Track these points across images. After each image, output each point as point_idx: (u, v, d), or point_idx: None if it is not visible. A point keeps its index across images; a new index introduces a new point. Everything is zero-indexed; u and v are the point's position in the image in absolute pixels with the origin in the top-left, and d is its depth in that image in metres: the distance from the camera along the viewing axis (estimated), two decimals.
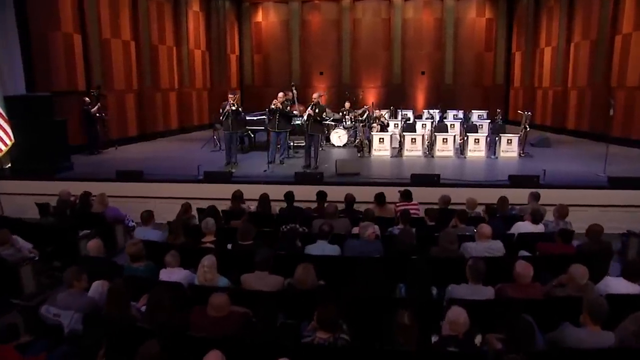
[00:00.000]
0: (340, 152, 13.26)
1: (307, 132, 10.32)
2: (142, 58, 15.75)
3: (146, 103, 16.07)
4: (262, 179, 9.47)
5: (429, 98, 21.66)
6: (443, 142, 11.93)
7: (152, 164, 11.62)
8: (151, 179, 9.85)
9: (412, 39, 21.54)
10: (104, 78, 14.19)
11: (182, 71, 18.04)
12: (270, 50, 22.71)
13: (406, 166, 11.15)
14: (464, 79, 21.41)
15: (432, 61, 21.63)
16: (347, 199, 7.45)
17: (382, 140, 12.08)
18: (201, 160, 11.74)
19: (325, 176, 9.54)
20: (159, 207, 9.82)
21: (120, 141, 14.80)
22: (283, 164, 11.05)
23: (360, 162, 11.25)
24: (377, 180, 9.30)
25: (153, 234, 6.56)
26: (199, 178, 9.58)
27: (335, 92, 21.83)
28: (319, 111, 10.16)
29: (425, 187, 8.86)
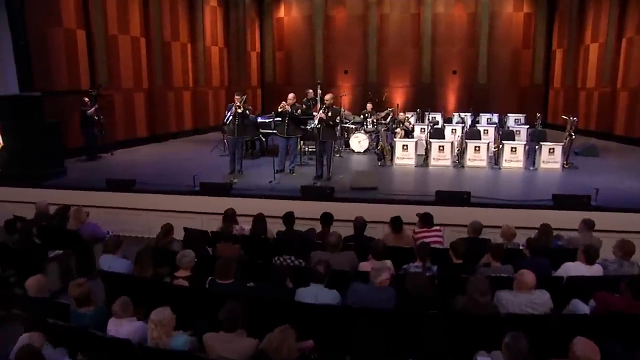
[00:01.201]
0: (359, 159, 11.98)
1: (319, 139, 9.10)
2: (153, 55, 14.81)
3: (157, 102, 15.13)
4: (265, 192, 8.30)
5: (460, 99, 20.17)
6: (475, 150, 10.51)
7: (152, 170, 10.64)
8: (143, 189, 8.80)
9: (443, 35, 20.06)
10: (111, 76, 13.29)
11: (197, 69, 17.05)
12: (292, 47, 21.60)
13: (432, 179, 9.80)
14: (498, 78, 19.77)
15: (464, 59, 20.09)
16: (356, 224, 6.20)
17: (405, 148, 10.74)
18: (206, 166, 10.71)
19: (338, 190, 8.30)
20: (151, 221, 8.85)
21: (129, 142, 13.94)
22: (293, 173, 9.86)
23: (379, 173, 9.94)
24: (396, 196, 8.01)
25: (120, 264, 5.47)
26: (195, 189, 8.48)
27: (360, 91, 20.54)
28: (332, 115, 8.92)
29: (453, 207, 7.54)
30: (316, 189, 8.00)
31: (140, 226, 8.90)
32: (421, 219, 6.36)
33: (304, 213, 7.93)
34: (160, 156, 12.83)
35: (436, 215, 7.32)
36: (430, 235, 6.21)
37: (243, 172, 10.04)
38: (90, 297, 4.35)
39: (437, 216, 7.26)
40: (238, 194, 8.32)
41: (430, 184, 9.16)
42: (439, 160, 10.65)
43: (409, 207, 7.64)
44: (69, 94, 11.78)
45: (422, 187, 8.85)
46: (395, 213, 7.63)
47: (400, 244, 6.06)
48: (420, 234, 6.26)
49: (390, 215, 7.62)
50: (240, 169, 10.02)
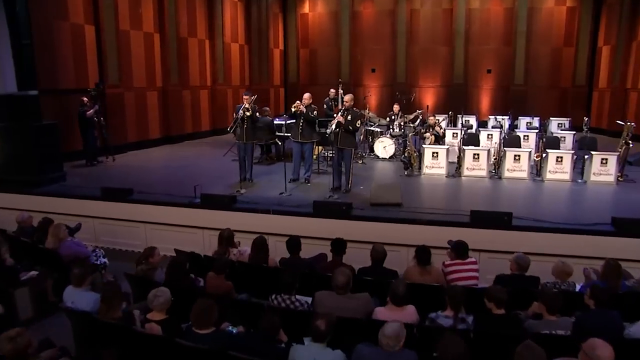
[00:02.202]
0: (384, 167, 10.83)
1: (336, 145, 8.01)
2: (167, 52, 13.96)
3: (171, 102, 14.29)
4: (273, 206, 7.26)
5: (495, 101, 18.75)
6: (515, 159, 9.23)
7: (155, 176, 9.78)
8: (140, 200, 7.88)
9: (477, 32, 18.68)
10: (122, 74, 12.49)
11: (215, 67, 16.16)
12: (317, 44, 20.59)
13: (465, 192, 8.59)
14: (537, 79, 18.26)
15: (499, 58, 18.65)
16: (374, 254, 5.10)
17: (435, 155, 9.54)
18: (216, 173, 9.80)
19: (357, 205, 7.20)
20: (149, 235, 7.96)
21: (140, 144, 13.14)
22: (308, 183, 8.80)
23: (404, 184, 8.79)
24: (424, 214, 6.85)
25: (87, 299, 4.51)
26: (196, 201, 7.51)
27: (388, 91, 19.35)
28: (351, 119, 7.82)
29: (491, 230, 6.35)
30: (331, 205, 6.91)
31: (138, 240, 8.00)
32: (453, 249, 5.22)
33: (316, 232, 6.90)
34: (169, 160, 11.96)
35: (470, 239, 6.19)
36: (464, 269, 5.07)
37: (254, 180, 9.05)
38: (26, 353, 3.38)
39: (471, 240, 6.13)
40: (243, 207, 7.31)
41: (463, 199, 7.97)
42: (473, 170, 9.42)
43: (438, 229, 6.50)
44: (75, 92, 10.98)
45: (454, 203, 7.66)
46: (422, 235, 6.55)
47: (426, 280, 4.94)
48: (452, 267, 5.13)
49: (416, 237, 6.54)
50: (250, 177, 9.03)
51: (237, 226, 7.22)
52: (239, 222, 7.22)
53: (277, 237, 7.12)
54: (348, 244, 6.80)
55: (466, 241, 6.11)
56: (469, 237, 6.27)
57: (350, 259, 5.61)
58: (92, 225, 8.21)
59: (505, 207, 7.22)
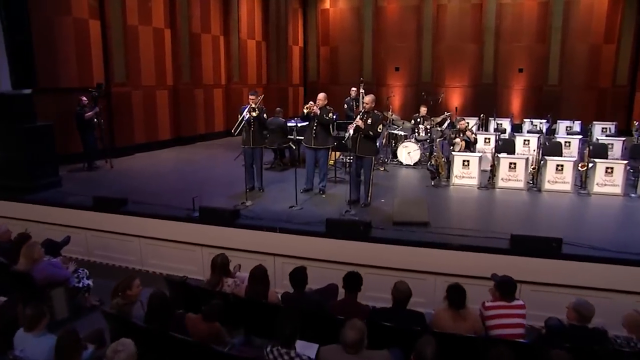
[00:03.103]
0: (408, 175, 9.81)
1: (355, 153, 7.03)
2: (179, 49, 13.15)
3: (183, 101, 13.48)
4: (281, 223, 6.32)
5: (526, 102, 17.52)
6: (557, 170, 8.11)
7: (157, 183, 8.96)
8: (135, 211, 7.04)
9: (508, 28, 17.44)
10: (129, 72, 11.71)
11: (230, 65, 15.32)
12: (338, 41, 19.64)
13: (501, 208, 7.50)
14: (573, 78, 16.91)
15: (532, 56, 17.37)
16: (396, 294, 4.11)
17: (466, 164, 8.48)
18: (223, 180, 8.95)
19: (377, 223, 6.21)
20: (145, 250, 7.11)
21: (149, 146, 12.37)
22: (323, 194, 7.85)
23: (432, 197, 7.78)
24: (454, 237, 5.83)
25: (41, 347, 3.66)
26: (194, 216, 6.63)
27: (412, 92, 18.30)
28: (371, 122, 6.83)
29: (536, 259, 5.31)
30: (346, 224, 5.93)
31: (132, 255, 7.20)
32: (498, 287, 4.20)
33: (328, 254, 5.98)
34: (177, 164, 11.15)
35: (510, 268, 5.21)
36: (509, 314, 4.07)
37: (264, 189, 8.14)
38: None
39: (511, 269, 5.16)
40: (246, 224, 6.39)
41: (499, 217, 6.91)
42: (508, 181, 8.33)
43: (472, 257, 5.49)
44: (78, 91, 10.20)
45: (489, 222, 6.61)
46: (453, 262, 5.56)
47: (460, 327, 3.95)
48: (494, 310, 4.12)
49: (446, 264, 5.57)
50: (260, 186, 8.13)
51: (239, 244, 6.38)
52: (241, 240, 6.35)
53: (283, 258, 6.22)
54: (365, 270, 5.88)
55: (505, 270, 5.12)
56: (508, 265, 5.32)
57: (368, 287, 4.69)
58: (84, 237, 7.43)
59: (549, 228, 6.20)
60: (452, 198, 8.00)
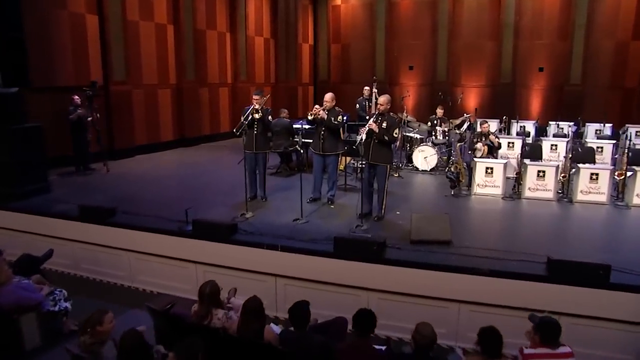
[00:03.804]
0: (424, 182, 9.03)
1: (367, 160, 6.27)
2: (183, 46, 12.49)
3: (187, 101, 12.83)
4: (283, 241, 5.57)
5: (546, 103, 16.62)
6: (591, 179, 7.28)
7: (152, 189, 8.26)
8: (124, 223, 6.35)
9: (528, 25, 16.52)
10: (129, 70, 11.06)
11: (237, 63, 14.64)
12: (350, 39, 18.88)
13: (531, 223, 6.67)
14: (597, 78, 15.95)
15: (554, 54, 16.45)
16: (418, 338, 3.36)
17: (490, 171, 7.69)
18: (224, 187, 8.24)
19: (391, 241, 5.45)
20: (135, 266, 6.43)
21: (151, 148, 11.74)
22: (332, 205, 7.11)
23: (452, 208, 7.00)
24: (481, 259, 5.05)
25: None
26: (187, 229, 5.92)
27: (427, 91, 17.49)
28: (386, 126, 6.07)
29: (579, 288, 4.52)
30: (357, 243, 5.17)
31: (121, 270, 6.52)
32: (539, 329, 3.43)
33: (336, 277, 5.26)
34: (178, 167, 10.47)
35: (548, 298, 4.47)
36: None
37: (267, 198, 7.41)
38: None
39: (549, 299, 4.44)
40: (244, 240, 5.66)
41: (530, 234, 6.09)
42: (536, 191, 7.52)
43: (502, 284, 4.71)
44: (74, 90, 9.55)
45: (518, 240, 5.82)
46: (480, 288, 4.81)
47: None
48: (534, 358, 3.35)
49: (472, 291, 4.82)
50: (264, 195, 7.40)
51: (236, 262, 5.68)
52: (239, 258, 5.64)
53: (286, 279, 5.50)
54: (379, 295, 5.15)
55: (543, 299, 4.40)
56: (545, 295, 4.56)
57: (382, 315, 3.99)
58: (71, 249, 6.77)
59: (588, 248, 5.44)
60: (475, 210, 7.20)
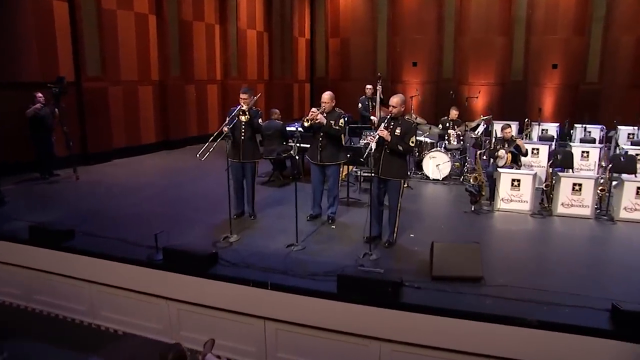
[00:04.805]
0: (437, 194, 8.01)
1: (377, 174, 5.23)
2: (166, 39, 11.42)
3: (171, 99, 11.78)
4: (273, 277, 4.53)
5: (560, 102, 15.63)
6: (638, 194, 6.27)
7: (126, 201, 7.18)
8: (83, 249, 5.29)
9: (542, 19, 15.54)
10: (105, 65, 9.99)
11: (227, 57, 13.60)
12: (349, 33, 17.86)
13: (572, 248, 5.61)
14: (616, 76, 14.96)
15: (569, 50, 15.48)
16: None
17: (516, 184, 6.67)
18: (213, 197, 7.19)
19: (408, 274, 4.43)
20: (97, 299, 5.40)
21: (130, 151, 10.70)
22: (333, 224, 6.08)
23: (474, 229, 5.99)
24: (521, 303, 4.03)
25: None
26: (157, 259, 4.87)
27: (431, 89, 16.47)
28: (401, 132, 5.04)
29: None
30: (366, 284, 4.13)
31: (82, 304, 5.47)
32: None
33: (341, 324, 4.22)
34: (158, 175, 9.40)
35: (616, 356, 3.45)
36: None
37: (256, 215, 6.37)
38: None
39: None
40: (225, 274, 4.61)
41: (575, 264, 5.06)
42: (571, 207, 6.51)
43: (552, 338, 3.69)
44: (42, 87, 8.48)
45: (562, 273, 4.79)
46: (524, 344, 3.78)
47: None
48: None
49: (514, 348, 3.78)
50: (251, 212, 6.36)
51: (217, 301, 4.65)
52: (220, 296, 4.61)
53: (278, 324, 4.46)
54: (393, 347, 4.13)
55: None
56: (612, 353, 3.54)
57: None
58: (22, 278, 5.71)
59: None
60: (503, 231, 6.17)
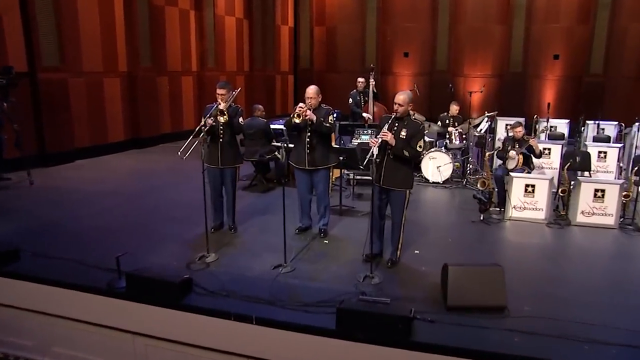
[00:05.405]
0: (439, 199, 7.51)
1: (379, 183, 4.68)
2: (135, 25, 10.73)
3: (142, 92, 11.11)
4: (259, 308, 3.96)
5: (561, 96, 15.27)
6: None
7: (86, 212, 6.51)
8: (30, 275, 4.65)
9: (543, 6, 15.18)
10: (65, 54, 9.29)
11: (204, 47, 13.02)
12: (336, 21, 17.36)
13: (602, 266, 5.12)
14: (622, 67, 14.59)
15: (571, 40, 15.15)
16: None
17: (531, 190, 6.19)
18: (188, 205, 6.57)
19: (418, 303, 3.91)
20: (50, 333, 4.78)
21: (95, 151, 10.04)
22: (325, 239, 5.52)
23: (484, 242, 5.49)
24: (558, 343, 3.54)
25: None
26: (119, 287, 4.27)
27: (424, 82, 15.96)
28: (407, 134, 4.51)
29: None
30: (370, 319, 3.58)
31: (30, 339, 4.83)
32: None
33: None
34: (125, 178, 8.69)
35: None
36: None
37: (237, 228, 5.79)
38: None
39: None
40: (202, 306, 4.02)
41: (609, 287, 4.57)
42: (592, 216, 6.05)
43: None
44: None
45: (598, 298, 4.31)
46: None
47: None
48: None
49: None
50: (232, 224, 5.77)
51: (191, 337, 4.06)
52: (195, 331, 4.02)
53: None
54: None
55: None
56: None
57: None
58: None
59: None
60: (519, 245, 5.67)
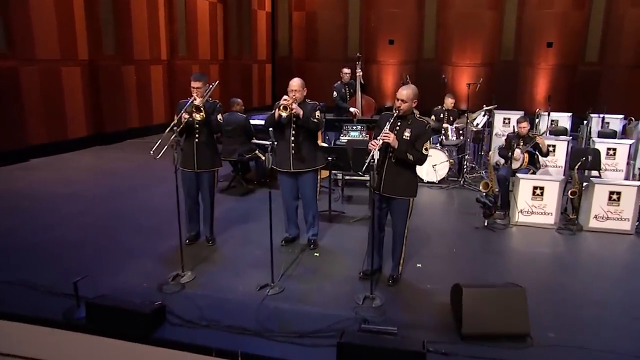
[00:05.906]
0: (436, 202, 7.14)
1: (379, 190, 4.25)
2: (96, 8, 10.11)
3: (105, 83, 10.51)
4: (243, 340, 3.51)
5: (555, 85, 15.10)
6: None
7: (41, 225, 5.95)
8: None
9: None
10: (14, 40, 8.68)
11: (174, 33, 12.50)
12: (316, 6, 17.10)
13: (628, 279, 4.82)
14: (619, 55, 14.44)
15: (566, 27, 15.03)
16: None
17: (539, 192, 5.86)
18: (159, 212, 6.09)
19: (426, 331, 3.52)
20: None
21: (54, 148, 9.45)
22: (316, 251, 5.09)
23: (489, 250, 5.14)
24: None
25: None
26: (78, 317, 3.77)
27: (411, 70, 15.63)
28: (411, 138, 4.11)
29: None
30: (376, 354, 3.16)
31: None
32: None
33: None
34: (85, 182, 8.06)
35: None
36: None
37: (215, 239, 5.32)
38: None
39: None
40: (176, 339, 3.56)
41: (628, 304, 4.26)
42: (606, 221, 5.74)
43: None
44: None
45: (632, 327, 3.97)
46: None
47: None
48: None
49: None
50: (209, 235, 5.29)
51: None
52: None
53: None
54: None
55: None
56: None
57: None
58: None
59: None
60: (530, 256, 5.30)
